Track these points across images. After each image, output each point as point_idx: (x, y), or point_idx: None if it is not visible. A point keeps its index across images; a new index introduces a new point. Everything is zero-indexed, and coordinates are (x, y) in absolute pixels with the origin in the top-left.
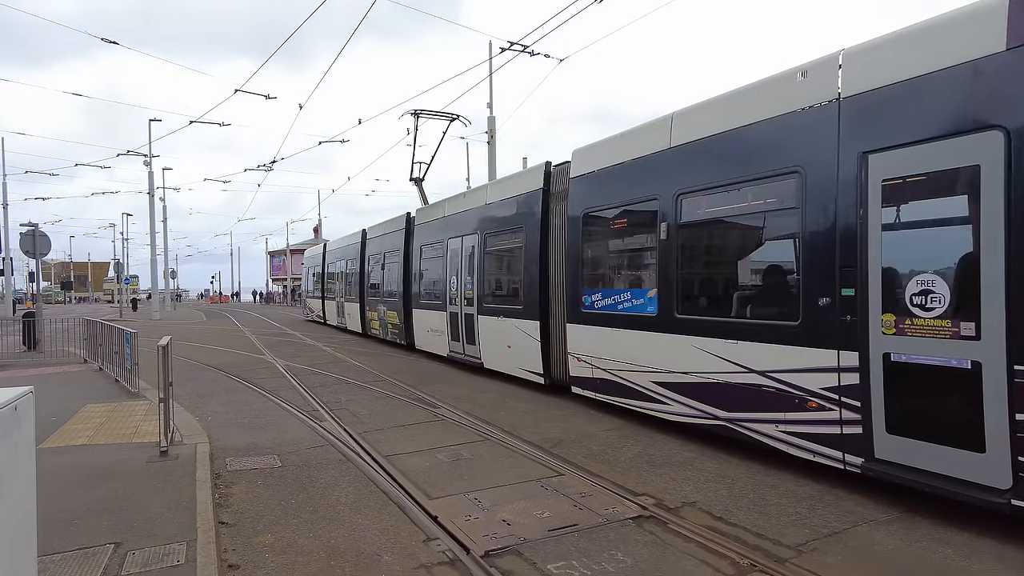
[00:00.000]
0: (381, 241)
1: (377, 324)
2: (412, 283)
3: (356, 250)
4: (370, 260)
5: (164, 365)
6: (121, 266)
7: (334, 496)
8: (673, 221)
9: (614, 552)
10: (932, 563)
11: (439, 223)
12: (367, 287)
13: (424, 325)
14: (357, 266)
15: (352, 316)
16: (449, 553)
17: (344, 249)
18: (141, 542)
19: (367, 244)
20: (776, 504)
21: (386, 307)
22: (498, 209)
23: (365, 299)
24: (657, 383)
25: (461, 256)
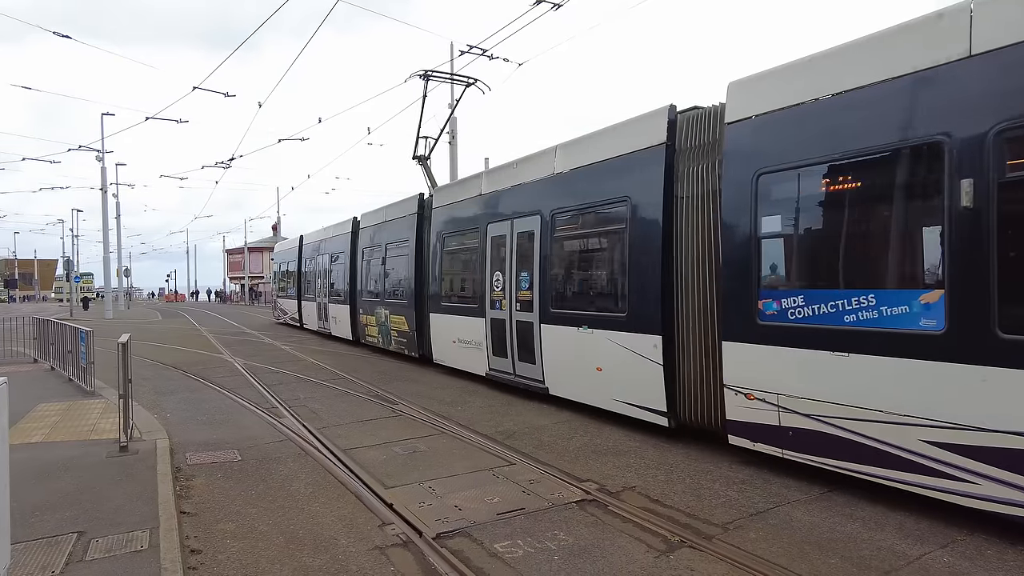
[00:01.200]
0: (380, 231)
1: (375, 331)
2: (428, 281)
3: (345, 242)
4: (364, 254)
5: (124, 362)
6: (71, 263)
7: (293, 487)
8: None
9: (556, 532)
10: (842, 536)
11: (472, 204)
12: (361, 287)
13: (447, 334)
14: (347, 261)
15: (340, 321)
16: (403, 536)
17: (328, 242)
18: (104, 531)
19: (360, 235)
20: (709, 488)
21: (389, 311)
22: (577, 180)
23: (357, 301)
24: (939, 444)
25: (511, 245)
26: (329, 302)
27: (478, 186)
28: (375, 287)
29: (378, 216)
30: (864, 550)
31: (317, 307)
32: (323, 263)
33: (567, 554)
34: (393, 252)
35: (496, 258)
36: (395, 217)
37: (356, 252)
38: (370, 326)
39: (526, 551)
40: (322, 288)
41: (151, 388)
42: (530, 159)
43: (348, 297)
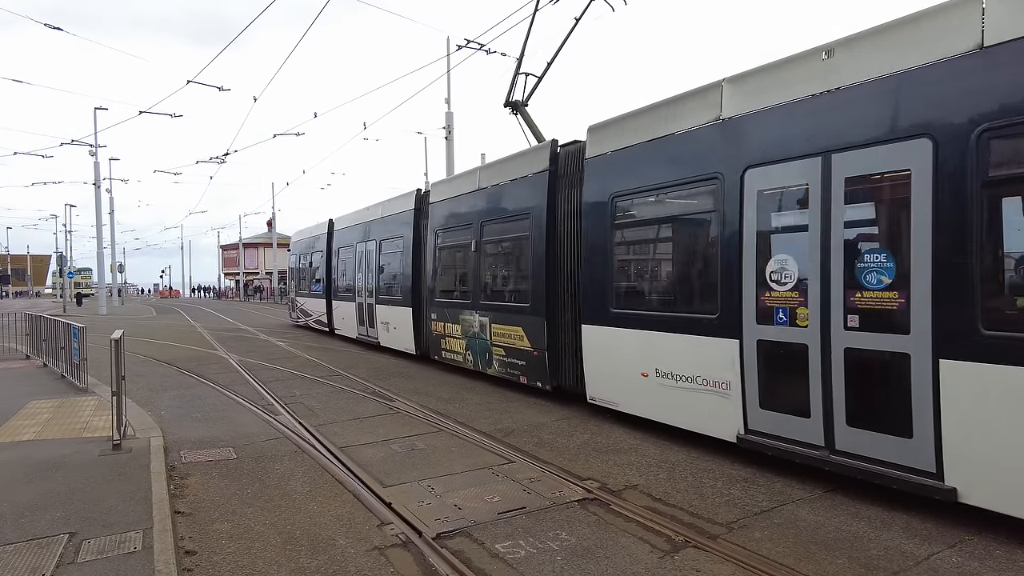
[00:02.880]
0: (469, 206)
1: (459, 345)
2: (582, 275)
3: (404, 224)
4: (438, 239)
5: (116, 359)
6: (64, 259)
7: (289, 486)
8: None
9: (559, 532)
10: (848, 535)
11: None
12: (432, 283)
13: (627, 360)
14: (406, 249)
15: (396, 328)
16: (402, 536)
17: (376, 225)
18: (96, 531)
19: (428, 214)
20: (712, 486)
21: (490, 318)
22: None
23: (425, 302)
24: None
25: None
26: (378, 303)
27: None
28: (462, 284)
29: (462, 185)
30: (871, 550)
31: (358, 309)
32: (367, 253)
33: (570, 554)
34: (498, 234)
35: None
36: (501, 182)
37: (421, 237)
38: (450, 337)
39: (528, 551)
40: (366, 285)
41: (145, 385)
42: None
43: (409, 297)
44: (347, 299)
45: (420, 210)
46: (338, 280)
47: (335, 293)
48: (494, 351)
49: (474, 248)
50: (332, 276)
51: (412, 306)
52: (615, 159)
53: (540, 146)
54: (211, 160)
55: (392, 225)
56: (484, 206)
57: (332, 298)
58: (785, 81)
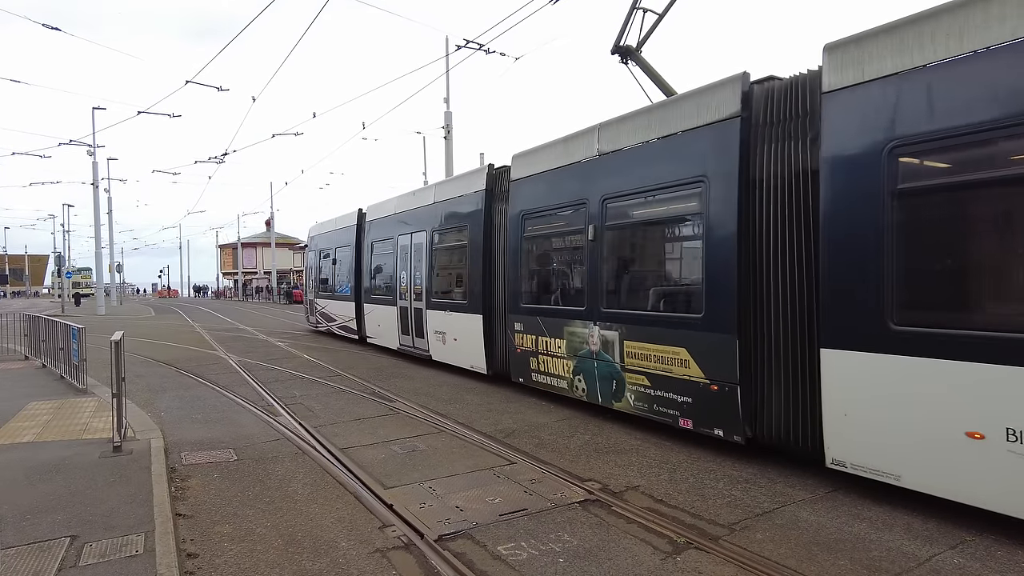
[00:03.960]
0: (572, 179)
1: (564, 367)
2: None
3: (468, 211)
4: (524, 226)
5: (116, 360)
6: (62, 259)
7: (291, 488)
8: None
9: (560, 533)
10: (850, 536)
11: None
12: (517, 285)
13: (969, 409)
14: (472, 240)
15: (461, 340)
16: (404, 538)
17: (423, 213)
18: (98, 535)
19: (509, 195)
20: (713, 487)
21: (620, 332)
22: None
23: (504, 309)
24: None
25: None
26: (430, 308)
27: None
28: (569, 286)
29: (569, 152)
30: (873, 551)
31: (400, 315)
32: (414, 247)
33: (572, 556)
34: (634, 214)
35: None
36: (649, 140)
37: (496, 225)
38: (547, 356)
39: (530, 553)
40: (412, 285)
41: (145, 386)
42: None
43: (478, 301)
44: (384, 302)
45: (493, 191)
46: (372, 280)
47: (368, 295)
48: (629, 379)
49: (591, 236)
50: (363, 275)
51: (482, 313)
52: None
53: (723, 81)
54: (210, 160)
55: (452, 212)
56: (608, 177)
57: (363, 301)
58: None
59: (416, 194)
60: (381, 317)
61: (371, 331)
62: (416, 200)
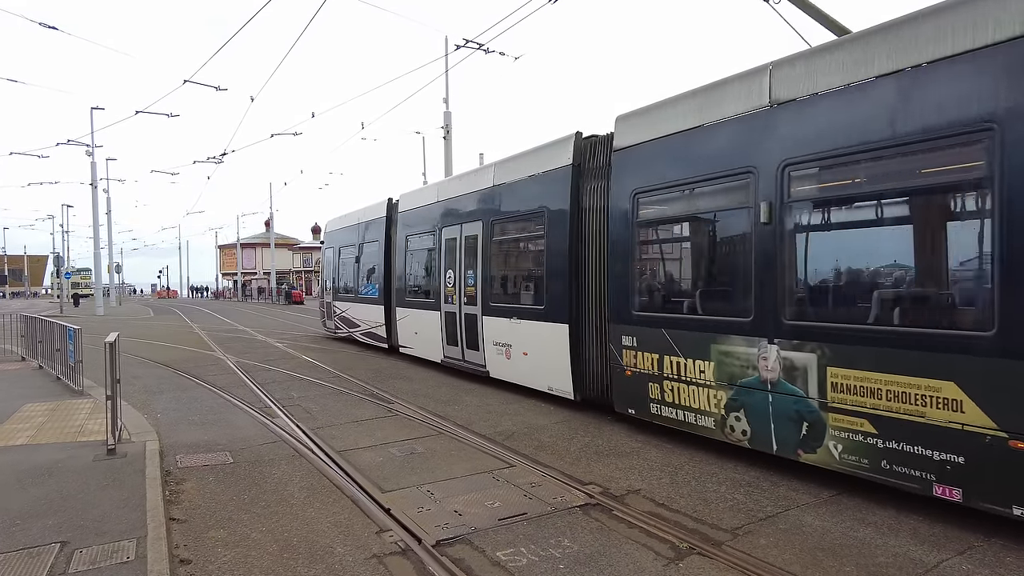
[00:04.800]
0: (736, 137)
1: (706, 398)
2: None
3: (544, 192)
4: (634, 208)
5: (111, 362)
6: (61, 259)
7: (287, 491)
8: None
9: (561, 538)
10: (855, 541)
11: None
12: (622, 284)
13: None
14: (552, 230)
15: (535, 355)
16: (401, 543)
17: (477, 201)
18: (89, 540)
19: (611, 170)
20: (715, 491)
21: (822, 355)
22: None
23: (600, 318)
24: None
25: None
26: (488, 314)
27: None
28: (722, 285)
29: (716, 104)
30: (879, 557)
31: (446, 321)
32: (465, 241)
33: (572, 562)
34: (881, 182)
35: None
36: (864, 80)
37: (583, 210)
38: (680, 382)
39: (530, 559)
40: (463, 286)
41: (141, 387)
42: None
43: (562, 306)
44: (423, 306)
45: (582, 167)
46: (406, 280)
47: (401, 297)
48: (835, 423)
49: (764, 218)
50: (395, 274)
51: (568, 322)
52: None
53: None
54: (208, 160)
55: (520, 196)
56: (794, 134)
57: (395, 304)
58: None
59: (466, 178)
60: (419, 323)
61: (405, 339)
62: (466, 184)
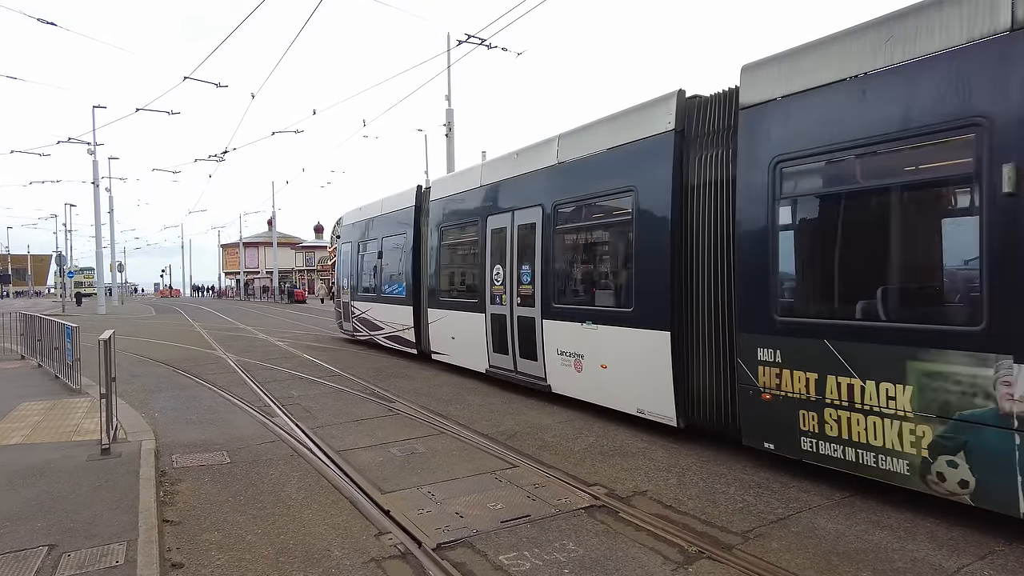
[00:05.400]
0: (952, 78)
1: (912, 439)
2: None
3: (636, 170)
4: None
5: (106, 359)
6: (63, 258)
7: (284, 492)
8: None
9: (565, 542)
10: (871, 545)
11: None
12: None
13: None
14: (644, 214)
15: (617, 368)
16: (401, 547)
17: (533, 184)
18: (78, 543)
19: (744, 133)
20: (724, 492)
21: None
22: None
23: (726, 323)
24: None
25: None
26: (549, 318)
27: None
28: (919, 281)
29: (901, 41)
30: (897, 562)
31: (493, 326)
32: (517, 231)
33: (577, 566)
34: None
35: None
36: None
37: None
38: (855, 411)
39: (533, 563)
40: (516, 284)
41: (140, 386)
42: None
43: (659, 308)
44: (462, 307)
45: (686, 134)
46: (440, 277)
47: (434, 297)
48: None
49: (1010, 186)
50: (425, 270)
51: (668, 328)
52: None
53: None
54: (210, 158)
55: (596, 173)
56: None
57: (426, 304)
58: None
59: (520, 156)
60: (457, 327)
61: (438, 345)
62: (519, 164)
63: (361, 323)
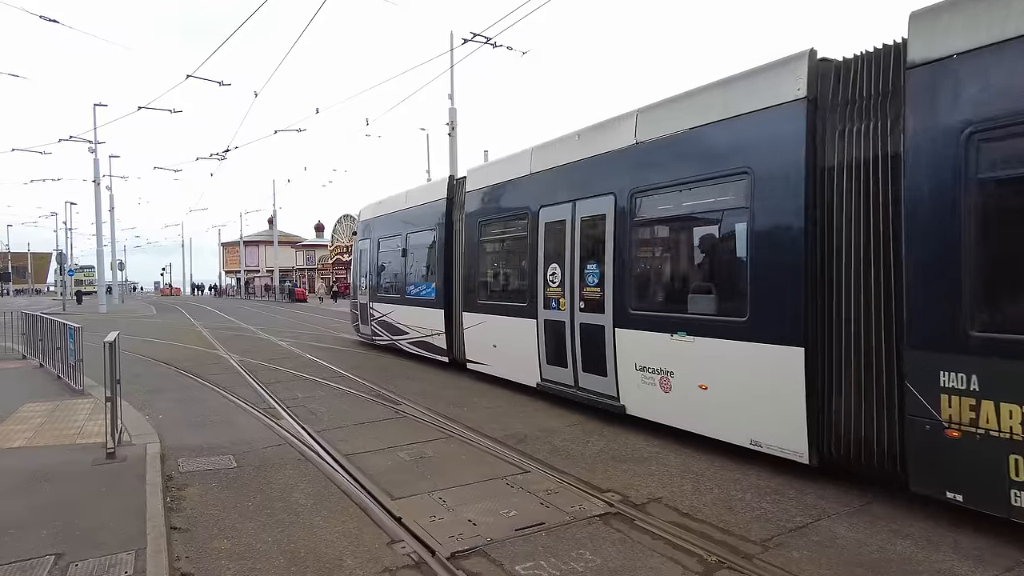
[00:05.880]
0: None
1: None
2: None
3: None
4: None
5: (111, 362)
6: (64, 257)
7: (293, 498)
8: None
9: (582, 551)
10: (894, 556)
11: None
12: (944, 287)
13: None
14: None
15: (731, 390)
16: (414, 556)
17: (607, 166)
18: (85, 552)
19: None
20: (741, 499)
21: None
22: None
23: (895, 340)
24: None
25: None
26: (624, 325)
27: None
28: None
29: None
30: (922, 574)
31: (547, 333)
32: (578, 223)
33: None
34: None
35: None
36: None
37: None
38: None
39: (551, 573)
40: (580, 284)
41: (142, 386)
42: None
43: (787, 318)
44: (507, 311)
45: (820, 102)
46: (477, 277)
47: (470, 299)
48: None
49: None
50: (460, 270)
51: (801, 342)
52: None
53: None
54: (211, 157)
55: (692, 153)
56: None
57: (461, 307)
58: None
59: (583, 138)
60: (499, 334)
61: (476, 353)
62: (583, 146)
63: (381, 327)
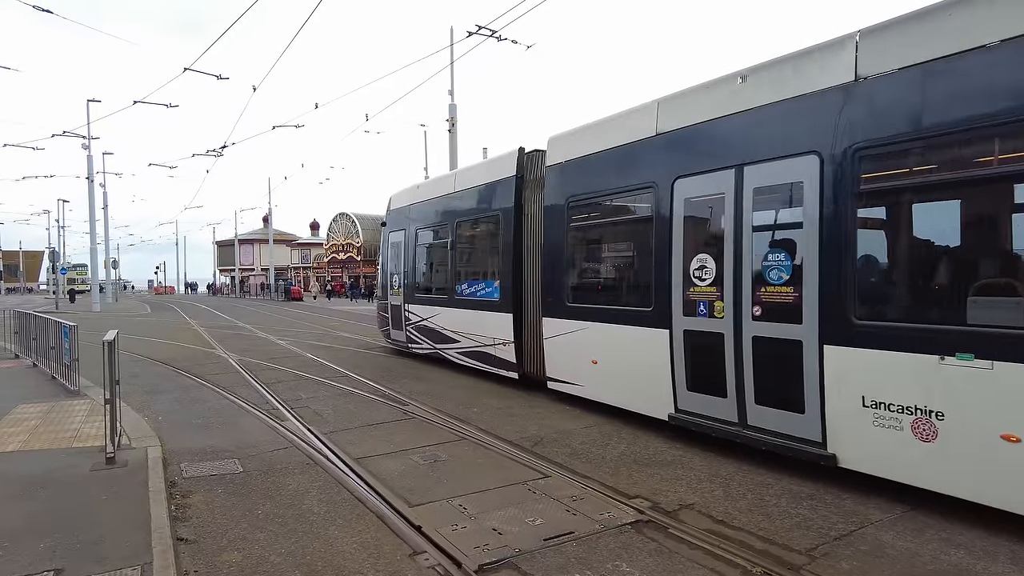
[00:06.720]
0: None
1: None
2: None
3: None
4: None
5: (110, 363)
6: (56, 255)
7: (304, 505)
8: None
9: (618, 563)
10: (949, 567)
11: None
12: None
13: None
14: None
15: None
16: (439, 568)
17: (807, 113)
18: (87, 567)
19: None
20: (776, 505)
21: None
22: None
23: None
24: None
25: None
26: (837, 339)
27: None
28: None
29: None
30: None
31: (683, 348)
32: (737, 198)
33: None
34: None
35: None
36: None
37: None
38: None
39: None
40: (752, 286)
41: (140, 387)
42: None
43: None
44: (616, 317)
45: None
46: (568, 273)
47: (557, 302)
48: None
49: None
50: (537, 264)
51: None
52: None
53: None
54: (208, 153)
55: (981, 90)
56: None
57: (540, 312)
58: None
59: (750, 80)
60: (602, 346)
61: (564, 369)
62: (751, 91)
63: (421, 333)
